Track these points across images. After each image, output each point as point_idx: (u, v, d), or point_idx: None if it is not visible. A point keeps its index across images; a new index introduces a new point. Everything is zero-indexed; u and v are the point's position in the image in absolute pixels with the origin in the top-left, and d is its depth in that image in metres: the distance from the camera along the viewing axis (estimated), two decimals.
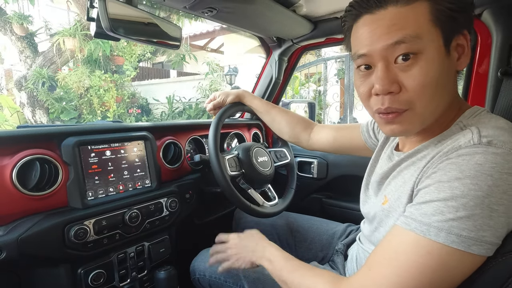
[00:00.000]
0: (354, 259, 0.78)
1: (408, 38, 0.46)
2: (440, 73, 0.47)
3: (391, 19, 0.47)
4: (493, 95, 0.90)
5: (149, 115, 7.80)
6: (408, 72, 0.48)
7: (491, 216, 0.40)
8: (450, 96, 0.51)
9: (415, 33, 0.46)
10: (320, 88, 5.78)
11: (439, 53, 0.47)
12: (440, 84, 0.48)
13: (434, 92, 0.48)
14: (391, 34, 0.47)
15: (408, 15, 0.47)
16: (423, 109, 0.49)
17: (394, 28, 0.47)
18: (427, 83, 0.47)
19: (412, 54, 0.47)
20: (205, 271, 0.88)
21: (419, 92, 0.48)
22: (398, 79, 0.48)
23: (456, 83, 0.54)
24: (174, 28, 0.87)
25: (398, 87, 0.48)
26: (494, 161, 0.41)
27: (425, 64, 0.47)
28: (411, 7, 0.47)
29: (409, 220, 0.46)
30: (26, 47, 6.14)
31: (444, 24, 0.47)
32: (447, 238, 0.41)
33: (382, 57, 0.49)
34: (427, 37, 0.46)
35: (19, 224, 0.69)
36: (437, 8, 0.46)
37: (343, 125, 0.97)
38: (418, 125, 0.52)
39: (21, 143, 0.73)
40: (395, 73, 0.48)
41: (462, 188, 0.42)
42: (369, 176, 0.73)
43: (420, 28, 0.46)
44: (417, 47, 0.46)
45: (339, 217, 1.26)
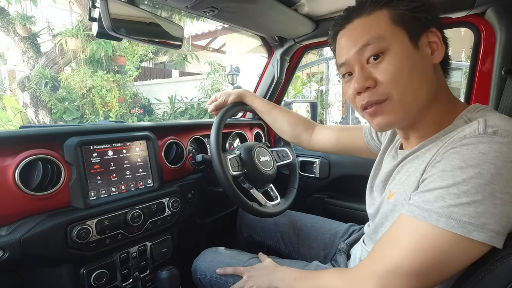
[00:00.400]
0: (358, 260, 0.78)
1: (372, 39, 0.53)
2: (410, 64, 0.52)
3: (357, 28, 0.56)
4: (496, 93, 0.89)
5: (151, 115, 7.81)
6: (379, 68, 0.53)
7: (494, 204, 0.41)
8: (431, 86, 0.54)
9: (378, 35, 0.53)
10: (322, 87, 5.77)
11: (405, 47, 0.52)
12: (413, 73, 0.52)
13: (408, 81, 0.52)
14: (358, 40, 0.55)
15: (371, 23, 0.54)
16: (400, 96, 0.53)
17: (360, 35, 0.55)
18: (398, 73, 0.52)
19: (380, 53, 0.53)
20: (206, 271, 0.88)
21: (392, 82, 0.52)
22: (372, 76, 0.54)
23: (440, 77, 0.57)
24: (176, 27, 0.86)
25: (374, 82, 0.54)
26: (499, 150, 0.42)
27: (392, 58, 0.52)
28: (372, 16, 0.54)
29: (412, 207, 0.47)
30: (29, 48, 6.17)
31: (406, 24, 0.53)
32: (447, 223, 0.42)
33: (357, 61, 0.56)
34: (390, 36, 0.52)
35: (21, 224, 0.69)
36: (396, 12, 0.53)
37: (345, 126, 0.97)
38: (401, 114, 0.55)
39: (23, 143, 0.73)
40: (369, 72, 0.54)
41: (464, 176, 0.42)
42: (373, 179, 0.74)
43: (382, 30, 0.53)
44: (382, 46, 0.53)
45: (341, 217, 1.26)
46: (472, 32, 1.00)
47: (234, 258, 0.89)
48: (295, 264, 0.85)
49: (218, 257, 0.91)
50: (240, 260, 0.87)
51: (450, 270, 0.44)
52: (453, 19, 0.98)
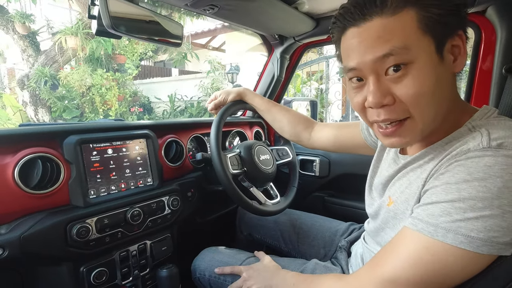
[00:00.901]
0: (359, 257, 0.78)
1: (396, 50, 0.45)
2: (435, 81, 0.46)
3: (377, 31, 0.46)
4: (497, 92, 0.89)
5: (151, 114, 7.81)
6: (400, 83, 0.46)
7: (503, 217, 0.39)
8: (449, 100, 0.50)
9: (403, 44, 0.44)
10: (322, 86, 5.77)
11: (431, 60, 0.46)
12: (437, 91, 0.46)
13: (430, 101, 0.47)
14: (378, 48, 0.46)
15: (395, 26, 0.45)
16: (421, 118, 0.48)
17: (380, 41, 0.45)
18: (422, 93, 0.46)
19: (403, 65, 0.45)
20: (205, 270, 0.88)
21: (415, 103, 0.46)
22: (391, 91, 0.47)
23: (455, 86, 0.52)
24: (176, 25, 0.86)
25: (392, 99, 0.47)
26: (505, 163, 0.40)
27: (417, 74, 0.45)
28: (397, 17, 0.45)
29: (416, 221, 0.46)
30: (28, 46, 6.16)
31: (434, 30, 0.45)
32: (455, 238, 0.41)
33: (372, 70, 0.47)
34: (416, 46, 0.45)
35: (21, 223, 0.69)
36: (425, 15, 0.44)
37: (344, 124, 0.97)
38: (419, 135, 0.50)
39: (23, 141, 0.73)
40: (387, 85, 0.47)
41: (469, 190, 0.41)
42: (372, 178, 0.73)
43: (408, 38, 0.44)
44: (407, 58, 0.45)
45: (342, 215, 1.26)
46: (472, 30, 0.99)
47: (233, 257, 0.89)
48: (294, 262, 0.85)
49: (217, 256, 0.91)
50: (239, 259, 0.87)
51: (453, 281, 0.44)
52: None
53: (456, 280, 0.43)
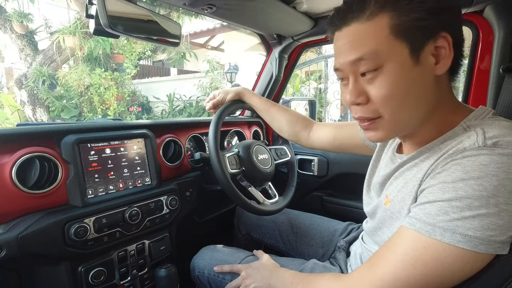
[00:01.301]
0: (358, 257, 0.78)
1: (366, 55, 0.48)
2: (407, 84, 0.48)
3: (353, 35, 0.49)
4: (495, 92, 0.89)
5: (150, 113, 7.80)
6: (373, 85, 0.49)
7: (500, 216, 0.40)
8: (429, 103, 0.51)
9: (373, 50, 0.47)
10: (320, 85, 5.77)
11: (403, 64, 0.47)
12: (410, 94, 0.48)
13: (401, 103, 0.49)
14: (352, 51, 0.49)
15: (368, 32, 0.48)
16: (391, 119, 0.50)
17: (355, 45, 0.49)
18: (391, 95, 0.48)
19: (374, 69, 0.48)
20: (204, 268, 0.88)
21: (383, 104, 0.49)
22: (365, 91, 0.51)
23: (444, 87, 0.52)
24: (174, 25, 0.86)
25: (366, 99, 0.51)
26: (500, 161, 0.41)
27: (386, 77, 0.48)
28: (371, 23, 0.47)
29: (413, 220, 0.46)
30: (26, 45, 6.15)
31: (409, 35, 0.46)
32: (453, 238, 0.41)
33: (350, 71, 0.51)
34: (387, 51, 0.47)
35: (19, 222, 0.69)
36: (399, 21, 0.46)
37: (342, 124, 0.97)
38: (393, 132, 0.53)
39: (20, 141, 0.72)
40: (362, 85, 0.51)
41: (466, 189, 0.41)
42: (370, 177, 0.73)
43: (379, 43, 0.47)
44: (377, 63, 0.47)
45: (340, 215, 1.26)
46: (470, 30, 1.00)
47: (232, 256, 0.89)
48: (292, 262, 0.86)
49: (216, 254, 0.91)
50: (238, 258, 0.87)
51: (450, 282, 0.44)
52: None
53: (454, 279, 0.43)
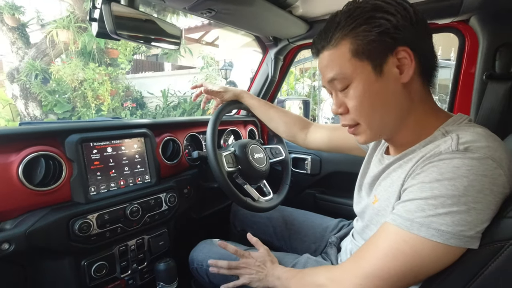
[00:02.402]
0: (349, 253, 0.82)
1: (336, 75, 0.58)
2: (373, 96, 0.56)
3: (325, 60, 0.59)
4: (478, 96, 0.95)
5: (144, 109, 7.75)
6: (347, 98, 0.59)
7: (469, 213, 0.44)
8: (401, 108, 0.57)
9: (340, 71, 0.57)
10: (315, 83, 5.81)
11: (367, 78, 0.55)
12: (377, 104, 0.57)
13: (371, 111, 0.57)
14: (326, 74, 0.59)
15: (335, 57, 0.57)
16: (367, 123, 0.59)
17: (327, 69, 0.59)
18: (360, 105, 0.57)
19: (345, 87, 0.58)
20: (202, 261, 0.92)
21: (357, 113, 0.58)
22: (344, 103, 0.60)
23: (414, 92, 0.57)
24: (175, 28, 0.89)
25: (346, 109, 0.61)
26: (470, 164, 0.45)
27: (354, 92, 0.57)
28: (336, 49, 0.57)
29: (395, 216, 0.51)
30: (17, 38, 6.04)
31: (368, 54, 0.54)
32: (427, 232, 0.46)
33: (331, 87, 0.61)
34: (351, 71, 0.56)
35: (25, 218, 0.72)
36: (357, 45, 0.54)
37: (338, 126, 1.00)
38: (373, 136, 0.61)
39: (26, 140, 0.75)
40: (342, 99, 0.60)
41: (441, 189, 0.46)
42: (362, 178, 0.77)
43: (344, 66, 0.56)
44: (346, 81, 0.57)
45: (332, 211, 1.31)
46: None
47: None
48: (286, 256, 0.89)
49: (214, 248, 0.94)
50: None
51: (427, 273, 0.49)
52: (439, 24, 1.03)
53: (430, 271, 0.48)
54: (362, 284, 0.51)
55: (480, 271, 0.44)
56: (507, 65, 0.88)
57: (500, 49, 0.89)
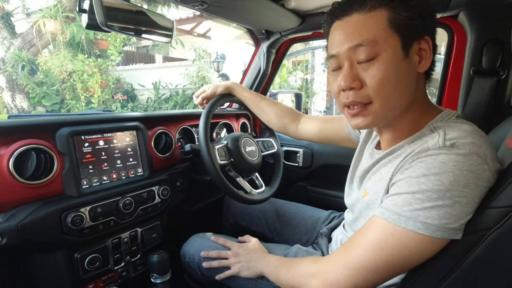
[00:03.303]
0: (339, 243, 0.84)
1: (366, 42, 0.53)
2: (397, 74, 0.54)
3: (354, 24, 0.55)
4: (465, 92, 0.97)
5: (135, 101, 7.65)
6: (368, 71, 0.54)
7: (454, 207, 0.46)
8: (411, 95, 0.57)
9: (372, 38, 0.53)
10: (307, 76, 5.82)
11: (395, 56, 0.53)
12: (398, 83, 0.54)
13: (392, 90, 0.54)
14: (352, 38, 0.55)
15: (368, 22, 0.54)
16: (382, 103, 0.56)
17: (355, 33, 0.54)
18: (384, 81, 0.54)
19: (371, 57, 0.53)
20: (194, 255, 0.93)
21: (377, 89, 0.54)
22: (360, 77, 0.55)
23: (421, 85, 0.59)
24: (166, 21, 0.89)
25: (360, 84, 0.56)
26: (456, 160, 0.47)
27: (381, 65, 0.53)
28: (371, 15, 0.54)
29: (383, 210, 0.53)
30: (2, 28, 5.87)
31: (402, 31, 0.53)
32: (414, 225, 0.48)
33: (347, 57, 0.56)
34: (383, 41, 0.53)
35: (17, 212, 0.72)
36: (395, 16, 0.53)
37: (329, 117, 1.02)
38: (380, 119, 0.58)
39: (16, 133, 0.75)
40: (357, 72, 0.56)
41: (427, 183, 0.48)
42: (353, 170, 0.79)
43: (377, 33, 0.53)
44: (375, 50, 0.53)
45: (323, 203, 1.33)
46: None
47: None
48: (278, 247, 0.91)
49: (206, 242, 0.95)
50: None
51: (412, 263, 0.51)
52: None
53: (415, 261, 0.50)
54: (351, 274, 0.53)
55: (462, 259, 0.46)
56: (494, 61, 0.90)
57: (487, 45, 0.91)
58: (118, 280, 0.92)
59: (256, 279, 0.80)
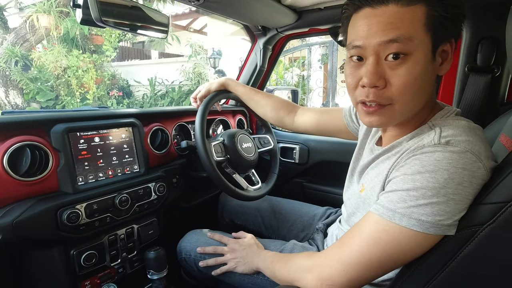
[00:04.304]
0: (335, 238, 0.84)
1: (401, 38, 0.49)
2: (424, 76, 0.51)
3: (390, 17, 0.50)
4: (460, 89, 0.97)
5: (130, 98, 7.60)
6: (395, 71, 0.51)
7: (448, 204, 0.47)
8: (427, 97, 0.56)
9: (408, 35, 0.49)
10: (304, 72, 5.82)
11: (425, 57, 0.51)
12: (422, 86, 0.52)
13: (415, 92, 0.52)
14: (386, 32, 0.50)
15: (406, 16, 0.49)
16: (402, 106, 0.53)
17: (390, 26, 0.49)
18: (411, 84, 0.51)
19: (402, 54, 0.50)
20: (191, 251, 0.93)
21: (402, 91, 0.51)
22: (385, 75, 0.52)
23: (433, 89, 0.58)
24: (162, 16, 0.88)
25: (384, 83, 0.52)
26: (451, 158, 0.47)
27: (411, 66, 0.50)
28: (409, 9, 0.49)
29: (378, 206, 0.53)
30: None
31: (435, 30, 0.50)
32: (409, 222, 0.48)
33: (375, 51, 0.51)
34: (418, 40, 0.49)
35: (12, 209, 0.71)
36: (433, 14, 0.49)
37: (325, 109, 1.02)
38: (395, 120, 0.56)
39: (11, 130, 0.74)
40: (383, 69, 0.52)
41: (422, 181, 0.48)
42: (354, 164, 0.78)
43: (414, 30, 0.49)
44: (408, 48, 0.49)
45: (319, 200, 1.34)
46: None
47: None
48: (274, 243, 0.92)
49: (202, 238, 0.96)
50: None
51: (406, 259, 0.51)
52: None
53: (409, 257, 0.51)
54: (345, 270, 0.54)
55: (456, 254, 0.47)
56: (488, 58, 0.90)
57: (482, 42, 0.91)
58: (115, 277, 0.93)
59: (252, 274, 0.80)
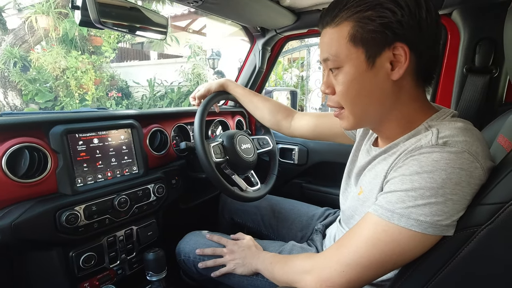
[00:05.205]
0: (333, 239, 0.84)
1: (331, 56, 0.57)
2: (360, 85, 0.57)
3: (324, 38, 0.59)
4: (458, 89, 0.98)
5: (130, 99, 7.59)
6: (336, 80, 0.59)
7: (446, 204, 0.47)
8: (385, 104, 0.58)
9: (335, 52, 0.57)
10: (303, 73, 5.82)
11: (358, 67, 0.56)
12: (362, 94, 0.57)
13: (355, 99, 0.58)
14: (323, 52, 0.60)
15: (333, 36, 0.57)
16: (350, 111, 0.60)
17: (325, 47, 0.59)
18: (346, 91, 0.58)
19: (336, 68, 0.58)
20: (189, 253, 0.93)
21: (342, 97, 0.59)
22: (332, 84, 0.61)
23: (403, 91, 0.57)
24: (161, 18, 0.88)
25: (333, 91, 0.61)
26: (448, 158, 0.48)
27: (343, 76, 0.57)
28: (337, 29, 0.56)
29: (377, 207, 0.53)
30: None
31: (365, 43, 0.54)
32: (407, 222, 0.49)
33: (325, 66, 0.61)
34: (345, 55, 0.56)
35: (11, 210, 0.71)
36: (357, 31, 0.54)
37: (323, 114, 1.02)
38: (356, 123, 0.62)
39: (9, 131, 0.74)
40: (331, 79, 0.61)
41: (420, 181, 0.48)
42: (351, 166, 0.79)
43: (340, 48, 0.56)
44: (338, 63, 0.57)
45: (318, 200, 1.34)
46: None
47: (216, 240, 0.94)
48: (273, 244, 0.92)
49: (201, 239, 0.95)
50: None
51: (405, 260, 0.51)
52: None
53: (408, 258, 0.51)
54: (344, 271, 0.54)
55: (454, 255, 0.47)
56: (486, 59, 0.91)
57: (480, 43, 0.92)
58: (114, 278, 0.92)
59: (251, 276, 0.80)
